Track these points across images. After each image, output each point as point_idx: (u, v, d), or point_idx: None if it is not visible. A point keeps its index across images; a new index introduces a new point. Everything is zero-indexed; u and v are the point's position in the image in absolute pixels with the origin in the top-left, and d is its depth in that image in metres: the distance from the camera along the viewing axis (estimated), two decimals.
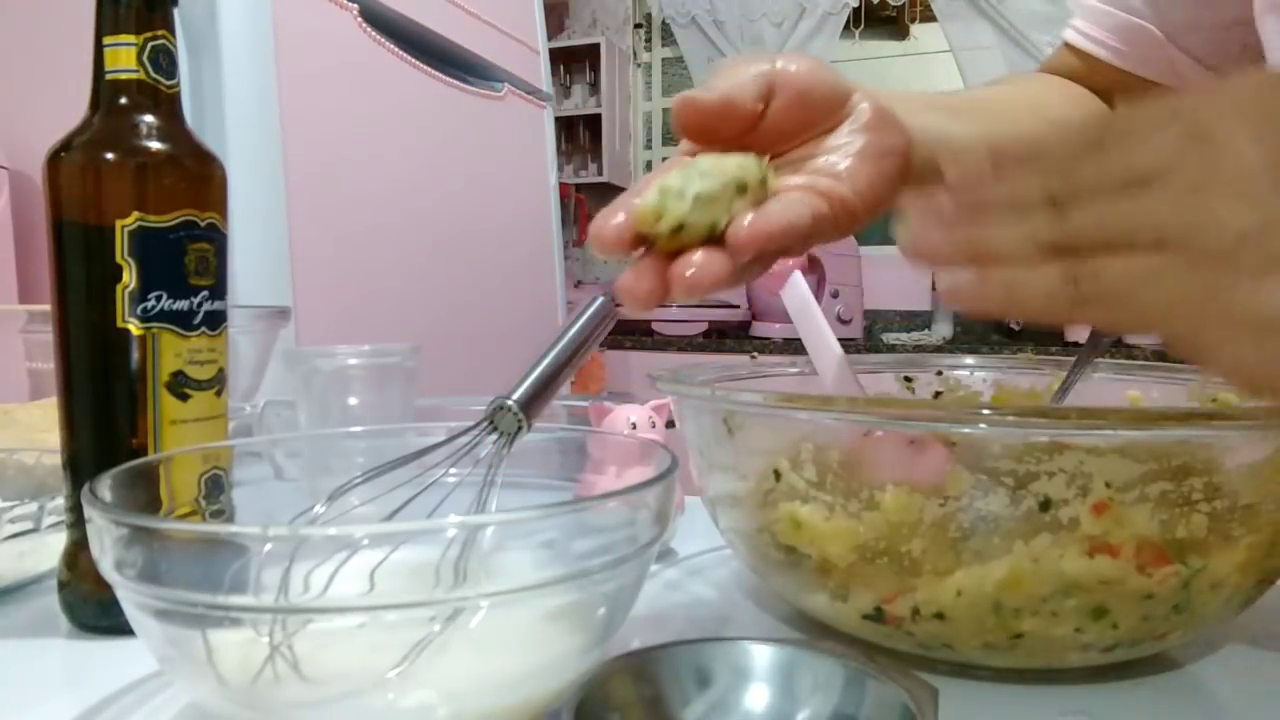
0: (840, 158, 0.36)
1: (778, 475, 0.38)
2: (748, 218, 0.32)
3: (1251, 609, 0.38)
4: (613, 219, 0.33)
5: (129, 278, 0.38)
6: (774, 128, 0.36)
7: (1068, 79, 0.63)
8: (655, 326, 2.64)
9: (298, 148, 1.24)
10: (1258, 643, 0.41)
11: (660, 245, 0.32)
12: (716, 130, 0.36)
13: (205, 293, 0.41)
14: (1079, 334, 2.49)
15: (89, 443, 0.40)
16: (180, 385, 0.40)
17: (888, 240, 2.98)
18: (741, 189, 0.32)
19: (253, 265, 1.15)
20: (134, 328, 0.39)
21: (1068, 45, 0.65)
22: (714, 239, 0.32)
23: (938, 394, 0.57)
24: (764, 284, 0.50)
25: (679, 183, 0.32)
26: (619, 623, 0.33)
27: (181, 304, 0.40)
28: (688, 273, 0.31)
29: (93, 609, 0.40)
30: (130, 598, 0.28)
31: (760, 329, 2.65)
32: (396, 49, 1.45)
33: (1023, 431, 0.33)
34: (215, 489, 0.39)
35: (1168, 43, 0.60)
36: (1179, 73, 0.60)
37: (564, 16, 3.17)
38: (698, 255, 0.32)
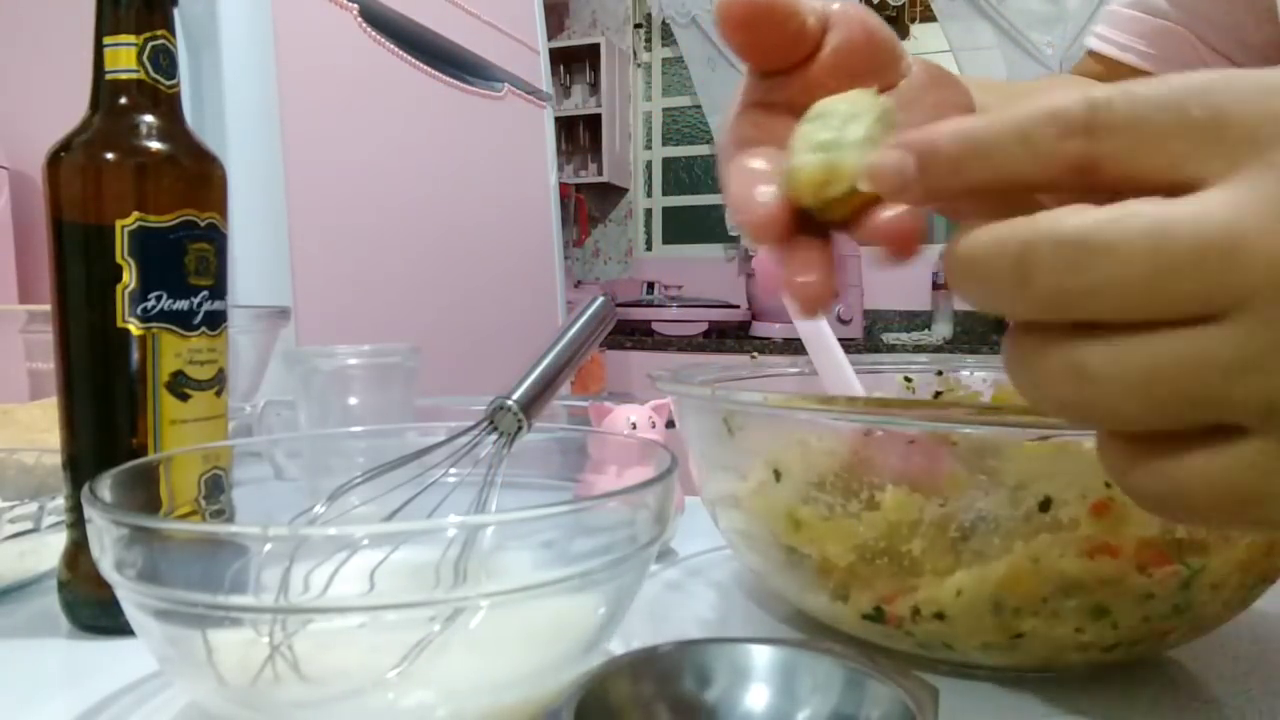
0: (917, 114, 0.30)
1: (778, 475, 0.38)
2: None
3: (1251, 609, 0.38)
4: (758, 196, 0.27)
5: (129, 278, 0.38)
6: (832, 66, 0.32)
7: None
8: (655, 326, 2.64)
9: (298, 148, 1.24)
10: (1258, 643, 0.41)
11: (832, 216, 0.26)
12: (770, 41, 0.31)
13: (205, 293, 0.41)
14: None
15: (89, 443, 0.40)
16: (180, 385, 0.40)
17: None
18: (890, 126, 0.27)
19: (253, 265, 1.15)
20: (134, 328, 0.39)
21: (1091, 53, 0.64)
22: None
23: (938, 394, 0.57)
24: (764, 284, 0.50)
25: (830, 133, 0.26)
26: (619, 623, 0.33)
27: (181, 304, 0.40)
28: (892, 223, 0.25)
29: (93, 609, 0.40)
30: (130, 598, 0.28)
31: (760, 329, 2.65)
32: (396, 49, 1.45)
33: (1023, 431, 0.33)
34: (215, 489, 0.39)
35: (1199, 43, 0.58)
36: None
37: (564, 16, 3.17)
38: (890, 210, 0.25)
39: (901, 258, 0.25)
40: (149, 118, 0.40)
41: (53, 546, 0.42)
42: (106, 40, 0.39)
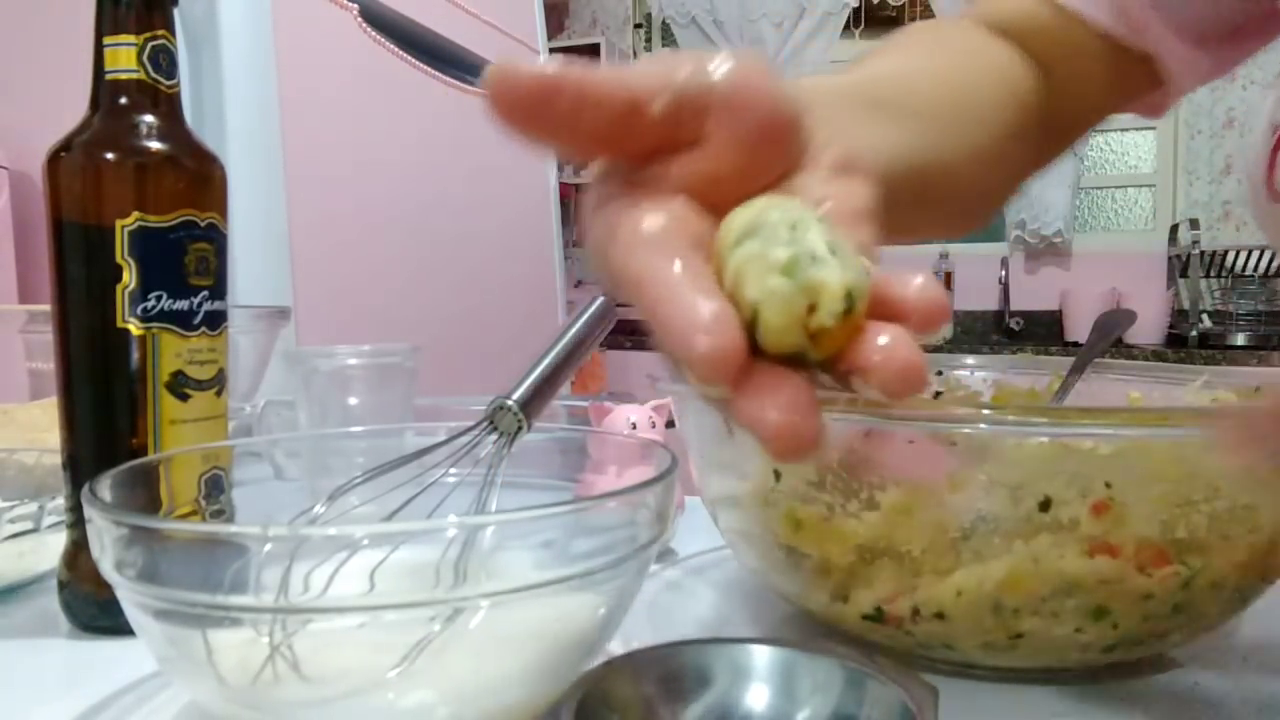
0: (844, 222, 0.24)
1: (778, 475, 0.38)
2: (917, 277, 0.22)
3: (1251, 609, 0.38)
4: (708, 316, 0.20)
5: (129, 278, 0.38)
6: (720, 158, 0.24)
7: (996, 32, 0.51)
8: None
9: (298, 148, 1.24)
10: (1258, 643, 0.41)
11: (817, 352, 0.21)
12: (577, 131, 0.24)
13: (205, 293, 0.41)
14: (1079, 334, 2.49)
15: (89, 443, 0.40)
16: (180, 385, 0.40)
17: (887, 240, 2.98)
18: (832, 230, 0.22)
19: (253, 265, 1.15)
20: (134, 328, 0.39)
21: None
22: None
23: (938, 394, 0.57)
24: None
25: (784, 249, 0.20)
26: (619, 623, 0.33)
27: (181, 304, 0.40)
28: (907, 355, 0.21)
29: (93, 609, 0.40)
30: (130, 598, 0.28)
31: None
32: (396, 49, 1.45)
33: (1023, 431, 0.33)
34: (215, 489, 0.39)
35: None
36: (1153, 34, 0.49)
37: (564, 16, 3.17)
38: (886, 334, 0.21)
39: (907, 393, 0.21)
40: (149, 118, 0.40)
41: (53, 546, 0.42)
42: (106, 40, 0.39)
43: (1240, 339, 2.31)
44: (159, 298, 0.39)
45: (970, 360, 0.59)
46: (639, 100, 0.23)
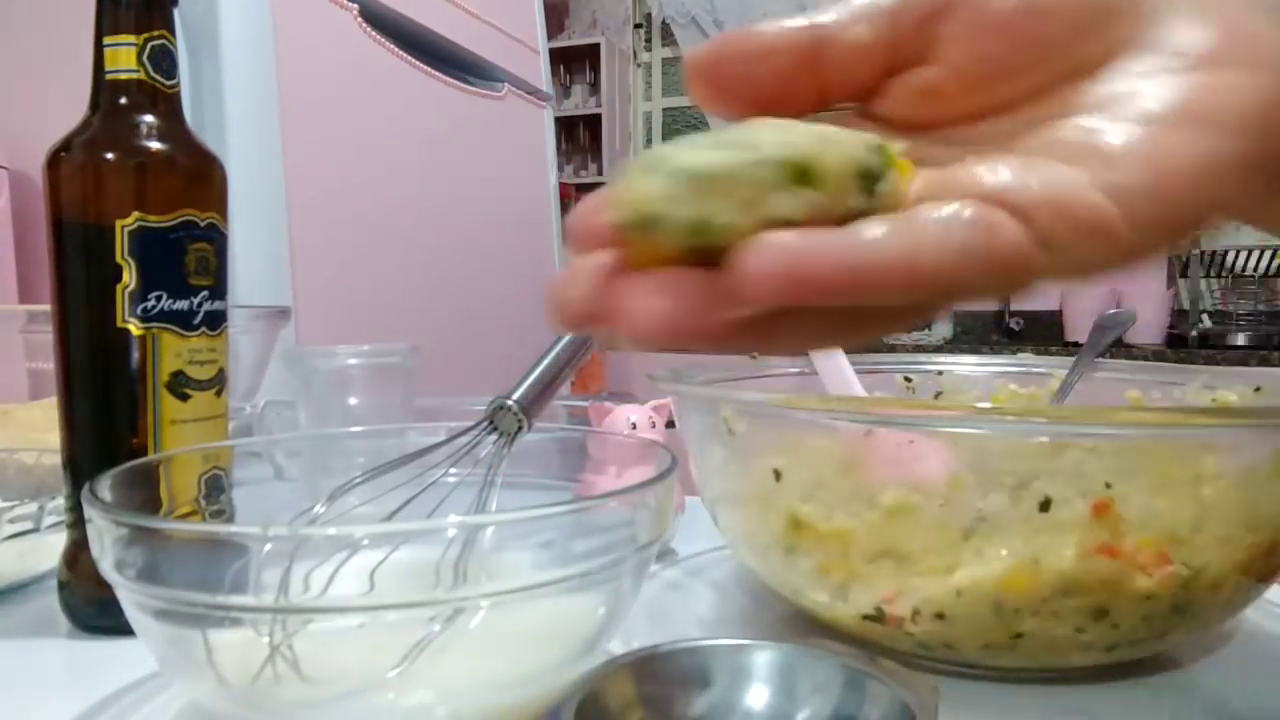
0: (1117, 126, 0.18)
1: (778, 475, 0.38)
2: (777, 235, 0.16)
3: (1251, 609, 0.38)
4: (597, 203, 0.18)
5: (129, 278, 0.38)
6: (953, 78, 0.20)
7: None
8: None
9: (298, 148, 1.24)
10: (1258, 643, 0.41)
11: (632, 253, 0.18)
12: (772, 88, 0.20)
13: (205, 293, 0.41)
14: (1079, 334, 2.49)
15: (89, 443, 0.40)
16: (180, 385, 0.40)
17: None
18: (802, 177, 0.17)
19: (253, 265, 1.15)
20: (134, 328, 0.39)
21: None
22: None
23: (938, 394, 0.57)
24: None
25: (687, 155, 0.18)
26: (619, 623, 0.33)
27: (181, 304, 0.40)
28: (634, 307, 0.17)
29: (93, 609, 0.40)
30: (130, 598, 0.28)
31: None
32: (396, 49, 1.45)
33: (1023, 431, 0.33)
34: (215, 489, 0.39)
35: None
36: None
37: (564, 16, 3.17)
38: (660, 279, 0.17)
39: (633, 342, 0.18)
40: (149, 118, 0.40)
41: (53, 546, 0.42)
42: (106, 40, 0.39)
43: (1240, 339, 2.31)
44: (159, 298, 0.39)
45: (970, 360, 0.59)
46: (817, 39, 0.20)
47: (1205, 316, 2.45)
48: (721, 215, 0.17)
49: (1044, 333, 2.67)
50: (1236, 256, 2.38)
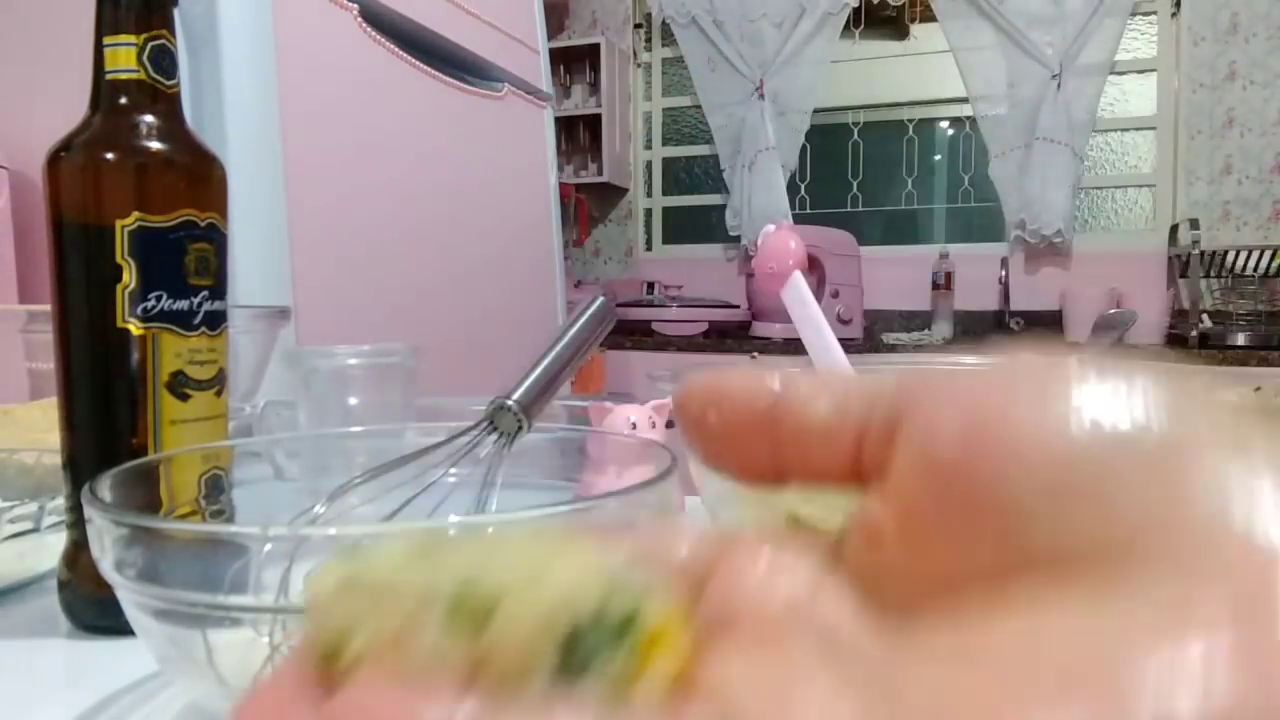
0: None
1: None
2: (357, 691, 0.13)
3: None
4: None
5: (129, 278, 0.38)
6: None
7: None
8: (655, 327, 2.64)
9: (298, 148, 1.24)
10: None
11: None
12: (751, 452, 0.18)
13: (205, 293, 0.41)
14: (1079, 334, 2.49)
15: (89, 443, 0.40)
16: (180, 385, 0.40)
17: (888, 240, 2.99)
18: (476, 623, 0.13)
19: (253, 265, 1.15)
20: (134, 328, 0.39)
21: None
22: None
23: None
24: (764, 284, 0.50)
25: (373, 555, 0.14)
26: None
27: (181, 304, 0.40)
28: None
29: (93, 609, 0.40)
30: (130, 598, 0.28)
31: (760, 329, 2.65)
32: (396, 49, 1.45)
33: None
34: (215, 489, 0.39)
35: None
36: None
37: (564, 16, 3.17)
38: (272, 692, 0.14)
39: None
40: (149, 118, 0.40)
41: (53, 546, 0.42)
42: (106, 40, 0.39)
43: (1240, 339, 2.31)
44: (159, 298, 0.39)
45: (970, 360, 0.58)
46: (778, 407, 0.17)
47: (1205, 316, 2.45)
48: (362, 634, 0.13)
49: (1044, 333, 2.67)
50: (1236, 256, 2.38)
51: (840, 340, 0.48)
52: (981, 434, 0.12)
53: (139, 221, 0.38)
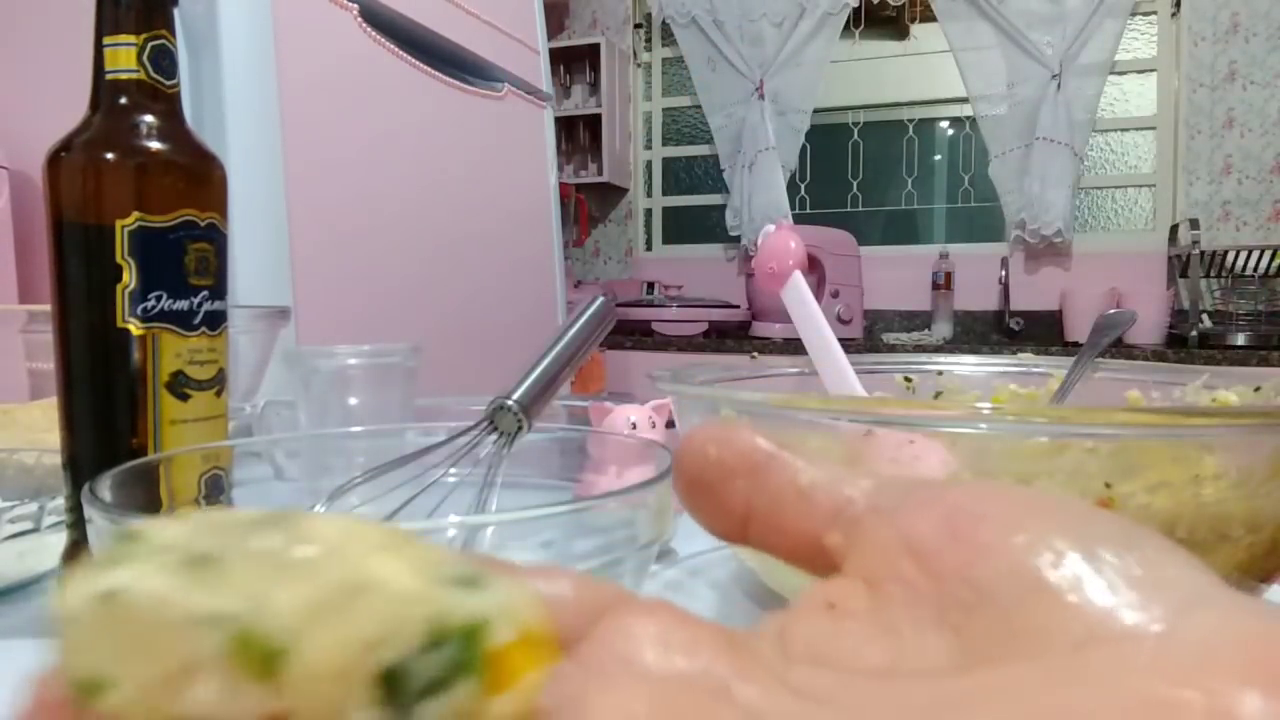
0: None
1: None
2: None
3: None
4: None
5: (129, 278, 0.38)
6: None
7: None
8: (655, 327, 2.64)
9: (298, 148, 1.24)
10: None
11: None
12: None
13: (205, 293, 0.41)
14: (1079, 334, 2.49)
15: (89, 443, 0.40)
16: (180, 385, 0.40)
17: (888, 240, 2.99)
18: (265, 664, 0.10)
19: (253, 265, 1.15)
20: (134, 328, 0.39)
21: None
22: None
23: (938, 394, 0.57)
24: (764, 284, 0.50)
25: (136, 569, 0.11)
26: None
27: (181, 304, 0.40)
28: None
29: None
30: None
31: (760, 329, 2.65)
32: (396, 49, 1.45)
33: (1022, 431, 0.33)
34: (215, 489, 0.39)
35: None
36: None
37: (564, 16, 3.17)
38: None
39: None
40: (149, 118, 0.40)
41: (53, 546, 0.42)
42: (106, 40, 0.39)
43: (1240, 339, 2.31)
44: (159, 298, 0.39)
45: (970, 360, 0.59)
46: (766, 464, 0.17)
47: (1205, 316, 2.45)
48: (119, 684, 0.11)
49: (1044, 333, 2.67)
50: (1236, 256, 2.38)
51: (840, 340, 0.48)
52: (959, 527, 0.13)
53: (139, 221, 0.38)
